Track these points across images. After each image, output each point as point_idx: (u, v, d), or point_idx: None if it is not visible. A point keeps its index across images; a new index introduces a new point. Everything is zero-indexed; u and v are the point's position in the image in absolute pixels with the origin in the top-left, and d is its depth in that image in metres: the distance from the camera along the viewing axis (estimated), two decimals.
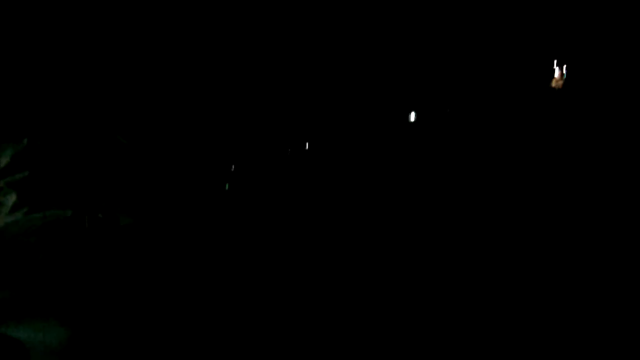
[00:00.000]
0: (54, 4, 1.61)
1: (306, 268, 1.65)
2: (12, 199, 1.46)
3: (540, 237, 1.65)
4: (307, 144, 1.98)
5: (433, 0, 1.81)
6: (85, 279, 1.22)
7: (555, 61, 1.73)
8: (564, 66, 1.71)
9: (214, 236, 1.67)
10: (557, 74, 1.71)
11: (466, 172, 1.80)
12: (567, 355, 1.46)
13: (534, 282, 1.58)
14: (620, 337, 1.44)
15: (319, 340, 1.47)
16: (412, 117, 1.93)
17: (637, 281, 1.51)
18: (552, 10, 1.72)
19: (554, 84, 1.71)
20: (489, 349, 1.50)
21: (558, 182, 1.69)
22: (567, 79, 1.70)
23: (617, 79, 1.68)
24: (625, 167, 1.64)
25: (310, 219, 1.79)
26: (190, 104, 1.86)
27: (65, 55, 1.67)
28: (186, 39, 1.82)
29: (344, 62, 1.92)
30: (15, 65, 1.62)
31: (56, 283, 1.16)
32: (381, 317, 1.54)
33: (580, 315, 1.51)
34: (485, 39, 1.80)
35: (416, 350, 1.50)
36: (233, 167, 1.89)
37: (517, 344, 1.49)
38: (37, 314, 1.08)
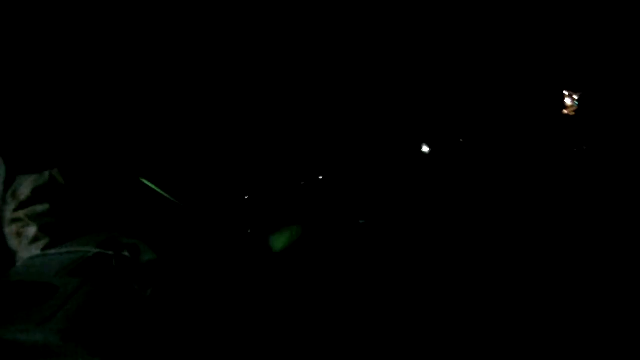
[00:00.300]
0: (82, 37, 1.65)
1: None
2: (32, 231, 1.44)
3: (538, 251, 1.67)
4: (320, 176, 2.00)
5: (449, 33, 1.89)
6: (117, 316, 1.19)
7: (566, 91, 1.80)
8: (574, 95, 1.78)
9: (237, 272, 1.66)
10: (568, 102, 1.77)
11: (479, 196, 1.83)
12: (567, 355, 1.43)
13: (531, 288, 1.58)
14: (620, 336, 1.43)
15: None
16: (426, 148, 1.97)
17: (636, 281, 1.51)
18: (563, 41, 1.81)
19: (565, 111, 1.78)
20: (488, 349, 1.47)
21: (566, 200, 1.72)
22: (579, 107, 1.77)
23: (625, 106, 1.75)
24: (634, 192, 1.68)
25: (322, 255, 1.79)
26: (211, 141, 1.89)
27: (89, 90, 1.71)
28: (206, 74, 1.87)
29: (355, 91, 1.98)
30: (39, 99, 1.65)
31: (89, 322, 1.13)
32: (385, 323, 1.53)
33: (579, 315, 1.49)
34: (500, 70, 1.88)
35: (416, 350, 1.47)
36: (247, 197, 1.90)
37: (517, 344, 1.46)
38: (74, 356, 1.05)
